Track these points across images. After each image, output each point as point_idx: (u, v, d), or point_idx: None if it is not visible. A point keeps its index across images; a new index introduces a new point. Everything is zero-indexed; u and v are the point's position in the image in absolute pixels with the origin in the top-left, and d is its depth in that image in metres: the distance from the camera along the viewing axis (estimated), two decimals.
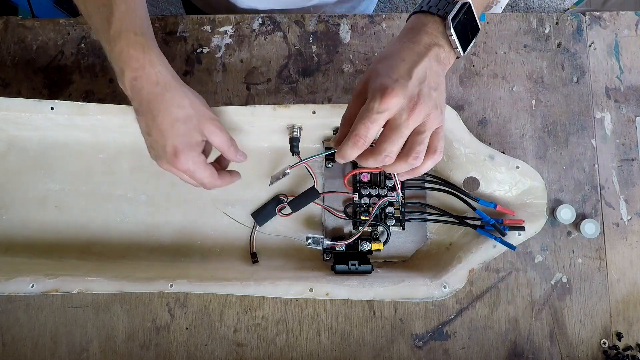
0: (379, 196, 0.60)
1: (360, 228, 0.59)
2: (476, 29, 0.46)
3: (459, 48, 0.44)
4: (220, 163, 0.57)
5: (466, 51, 0.45)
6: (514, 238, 0.57)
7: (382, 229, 0.60)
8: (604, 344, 0.62)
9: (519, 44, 0.69)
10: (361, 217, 0.60)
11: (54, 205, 0.63)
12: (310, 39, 0.69)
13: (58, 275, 0.54)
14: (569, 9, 1.54)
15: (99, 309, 0.63)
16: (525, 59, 0.68)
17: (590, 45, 0.69)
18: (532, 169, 0.58)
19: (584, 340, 0.62)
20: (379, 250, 0.59)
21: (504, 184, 0.60)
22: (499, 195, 0.60)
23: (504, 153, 0.59)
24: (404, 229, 0.60)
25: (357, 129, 0.41)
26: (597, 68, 0.68)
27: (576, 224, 0.64)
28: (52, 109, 0.56)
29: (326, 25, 0.69)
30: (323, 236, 0.59)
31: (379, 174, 0.61)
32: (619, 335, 0.62)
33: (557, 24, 0.69)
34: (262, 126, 0.59)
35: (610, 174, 0.65)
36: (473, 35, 0.45)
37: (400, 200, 0.60)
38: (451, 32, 0.43)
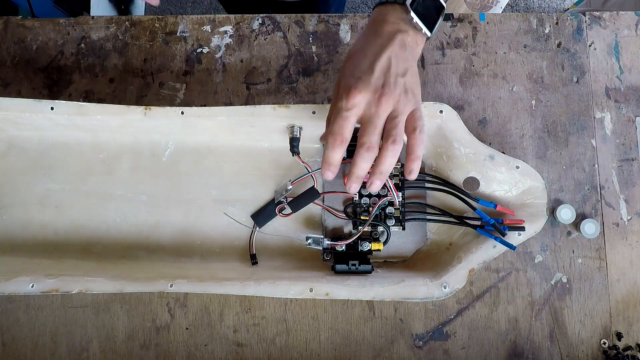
0: (379, 196, 0.60)
1: (360, 228, 0.59)
2: (441, 8, 0.47)
3: (424, 29, 0.46)
4: None
5: (434, 31, 0.46)
6: (514, 238, 0.57)
7: (382, 229, 0.60)
8: (604, 344, 0.62)
9: (519, 44, 0.69)
10: (361, 217, 0.60)
11: (54, 205, 0.63)
12: (310, 39, 0.69)
13: (58, 275, 0.54)
14: (569, 9, 1.54)
15: (99, 309, 0.63)
16: (525, 59, 0.68)
17: (590, 45, 0.69)
18: (532, 169, 0.58)
19: (584, 340, 0.62)
20: (379, 250, 0.59)
21: (504, 184, 0.60)
22: (499, 195, 0.60)
23: (504, 153, 0.59)
24: (404, 229, 0.60)
25: (332, 128, 0.44)
26: (597, 68, 0.68)
27: (576, 224, 0.64)
28: (52, 109, 0.56)
29: (326, 25, 0.70)
30: (323, 236, 0.59)
31: None
32: (619, 335, 0.62)
33: (557, 24, 0.69)
34: (262, 126, 0.59)
35: (610, 174, 0.65)
36: (438, 14, 0.47)
37: (399, 200, 0.60)
38: (412, 16, 0.45)
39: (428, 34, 0.46)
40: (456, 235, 0.61)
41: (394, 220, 0.60)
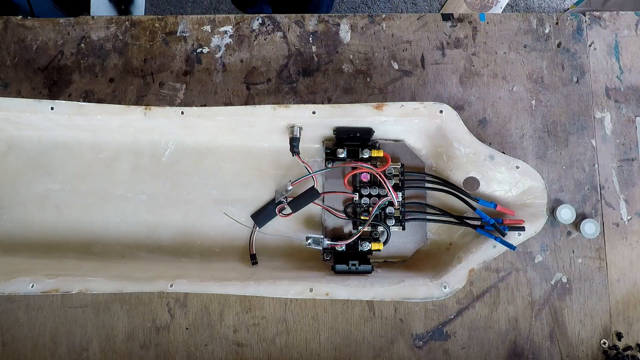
0: (379, 196, 0.60)
1: (360, 228, 0.59)
2: None
3: None
4: None
5: None
6: (514, 238, 0.57)
7: (382, 229, 0.60)
8: (604, 344, 0.62)
9: (519, 44, 0.69)
10: (361, 217, 0.60)
11: (54, 205, 0.63)
12: (310, 39, 0.69)
13: (58, 275, 0.54)
14: (569, 9, 1.54)
15: (99, 309, 0.63)
16: (525, 59, 0.68)
17: (590, 45, 0.69)
18: (532, 169, 0.58)
19: (584, 340, 0.62)
20: (379, 250, 0.59)
21: (504, 184, 0.60)
22: (499, 195, 0.60)
23: (504, 153, 0.59)
24: (404, 229, 0.60)
25: None
26: (597, 68, 0.68)
27: (576, 224, 0.64)
28: (52, 109, 0.56)
29: (326, 25, 0.69)
30: (323, 236, 0.59)
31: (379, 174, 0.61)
32: (619, 335, 0.62)
33: (557, 24, 0.69)
34: (262, 126, 0.59)
35: (610, 174, 0.65)
36: None
37: (398, 200, 0.60)
38: None
39: None
40: (456, 235, 0.61)
41: (394, 220, 0.60)
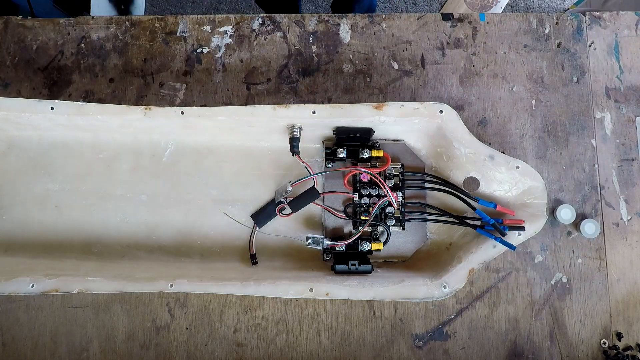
0: (379, 196, 0.60)
1: (360, 228, 0.59)
2: None
3: None
4: None
5: None
6: (514, 238, 0.57)
7: (382, 229, 0.60)
8: (604, 344, 0.62)
9: (519, 44, 0.69)
10: (361, 217, 0.60)
11: (54, 205, 0.63)
12: (310, 39, 0.69)
13: (58, 275, 0.54)
14: (569, 9, 1.54)
15: (99, 309, 0.63)
16: (525, 59, 0.68)
17: (590, 45, 0.69)
18: (532, 169, 0.58)
19: (584, 340, 0.62)
20: (379, 250, 0.59)
21: (504, 184, 0.60)
22: (499, 195, 0.60)
23: (504, 153, 0.59)
24: (404, 229, 0.60)
25: None
26: (597, 68, 0.68)
27: (576, 224, 0.64)
28: (52, 109, 0.56)
29: (326, 25, 0.69)
30: (323, 236, 0.59)
31: (379, 174, 0.61)
32: (619, 335, 0.62)
33: (557, 24, 0.69)
34: (262, 126, 0.59)
35: (610, 174, 0.65)
36: None
37: (398, 201, 0.60)
38: None
39: None
40: (456, 235, 0.61)
41: (394, 220, 0.60)
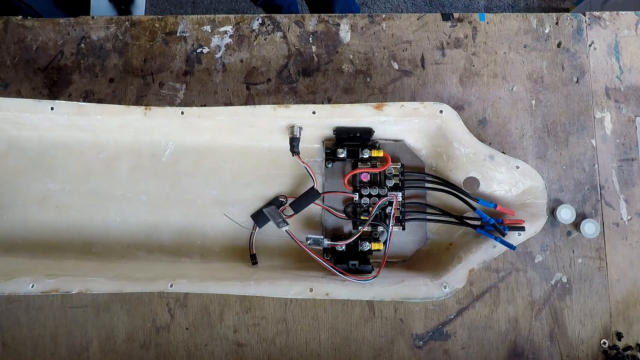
0: (379, 196, 0.60)
1: (360, 228, 0.59)
2: None
3: None
4: None
5: None
6: (514, 238, 0.57)
7: (382, 229, 0.60)
8: (604, 344, 0.62)
9: (519, 44, 0.69)
10: (361, 217, 0.60)
11: (54, 205, 0.63)
12: (310, 39, 0.69)
13: (58, 275, 0.54)
14: (569, 9, 1.54)
15: (99, 309, 0.63)
16: (525, 59, 0.68)
17: (590, 45, 0.69)
18: (532, 169, 0.58)
19: (584, 340, 0.62)
20: (379, 250, 0.59)
21: (504, 184, 0.60)
22: (499, 195, 0.60)
23: (504, 153, 0.59)
24: (404, 229, 0.60)
25: None
26: (597, 68, 0.68)
27: (576, 224, 0.64)
28: (52, 109, 0.56)
29: (326, 25, 0.69)
30: (323, 236, 0.58)
31: (379, 174, 0.61)
32: (619, 335, 0.62)
33: (557, 24, 0.69)
34: (262, 126, 0.59)
35: (610, 174, 0.65)
36: None
37: (399, 200, 0.60)
38: None
39: None
40: (456, 235, 0.61)
41: (394, 220, 0.60)
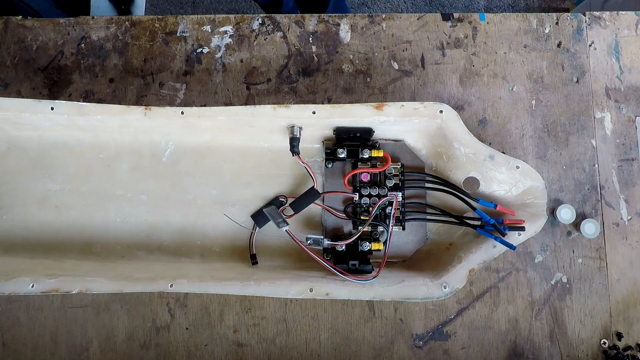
0: (379, 196, 0.60)
1: (360, 228, 0.59)
2: None
3: None
4: None
5: None
6: (514, 238, 0.57)
7: (382, 229, 0.60)
8: (604, 344, 0.62)
9: (519, 44, 0.69)
10: (361, 217, 0.60)
11: (54, 205, 0.63)
12: (310, 39, 0.69)
13: (58, 275, 0.54)
14: (569, 9, 1.54)
15: (99, 309, 0.63)
16: (525, 59, 0.68)
17: (590, 45, 0.69)
18: (532, 169, 0.58)
19: (584, 340, 0.62)
20: (379, 250, 0.59)
21: (504, 184, 0.60)
22: (499, 195, 0.60)
23: (504, 153, 0.59)
24: (404, 229, 0.60)
25: None
26: (597, 68, 0.68)
27: (576, 224, 0.64)
28: (52, 109, 0.56)
29: (326, 25, 0.69)
30: (323, 236, 0.58)
31: (379, 174, 0.61)
32: (619, 335, 0.62)
33: (557, 24, 0.69)
34: (262, 126, 0.59)
35: (610, 174, 0.65)
36: None
37: (399, 200, 0.60)
38: None
39: None
40: (456, 235, 0.61)
41: (394, 220, 0.60)
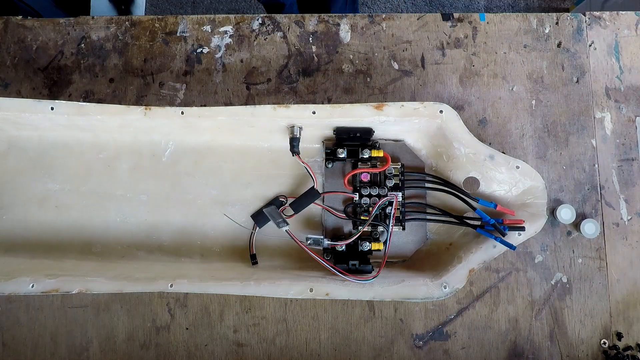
0: (379, 196, 0.60)
1: (360, 228, 0.59)
2: None
3: None
4: None
5: None
6: (514, 238, 0.57)
7: (382, 229, 0.60)
8: (604, 344, 0.62)
9: (519, 44, 0.69)
10: (361, 217, 0.60)
11: (54, 205, 0.63)
12: (310, 39, 0.69)
13: (58, 275, 0.54)
14: (569, 9, 1.54)
15: (99, 309, 0.63)
16: (525, 59, 0.68)
17: (590, 45, 0.69)
18: (532, 169, 0.58)
19: (584, 340, 0.62)
20: (379, 250, 0.59)
21: (504, 184, 0.60)
22: (499, 195, 0.60)
23: (504, 153, 0.59)
24: (404, 229, 0.60)
25: None
26: (597, 68, 0.68)
27: (576, 224, 0.64)
28: (52, 109, 0.56)
29: (326, 25, 0.69)
30: (323, 236, 0.58)
31: (379, 174, 0.61)
32: (619, 335, 0.62)
33: (557, 24, 0.69)
34: (262, 126, 0.59)
35: (610, 174, 0.65)
36: None
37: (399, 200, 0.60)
38: None
39: None
40: (456, 235, 0.61)
41: (394, 220, 0.60)
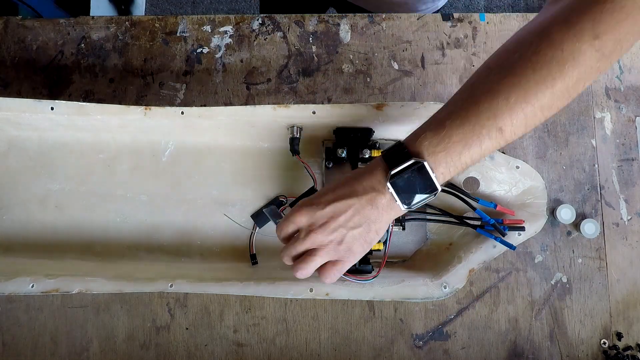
0: None
1: None
2: (431, 189, 0.43)
3: (399, 202, 0.44)
4: None
5: (411, 205, 0.44)
6: (514, 238, 0.57)
7: None
8: (604, 344, 0.62)
9: None
10: None
11: (54, 205, 0.63)
12: (310, 39, 0.69)
13: (58, 275, 0.54)
14: None
15: (99, 309, 0.63)
16: None
17: None
18: (532, 169, 0.58)
19: (584, 340, 0.62)
20: (379, 250, 0.59)
21: (504, 184, 0.60)
22: (499, 195, 0.60)
23: (503, 153, 0.59)
24: (404, 229, 0.60)
25: (277, 228, 0.48)
26: None
27: (576, 224, 0.64)
28: (52, 109, 0.56)
29: (326, 25, 0.69)
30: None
31: None
32: (619, 335, 0.62)
33: None
34: (262, 126, 0.59)
35: (610, 174, 0.65)
36: (424, 192, 0.43)
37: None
38: (388, 186, 0.43)
39: (402, 207, 0.44)
40: (456, 235, 0.61)
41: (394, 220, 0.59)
